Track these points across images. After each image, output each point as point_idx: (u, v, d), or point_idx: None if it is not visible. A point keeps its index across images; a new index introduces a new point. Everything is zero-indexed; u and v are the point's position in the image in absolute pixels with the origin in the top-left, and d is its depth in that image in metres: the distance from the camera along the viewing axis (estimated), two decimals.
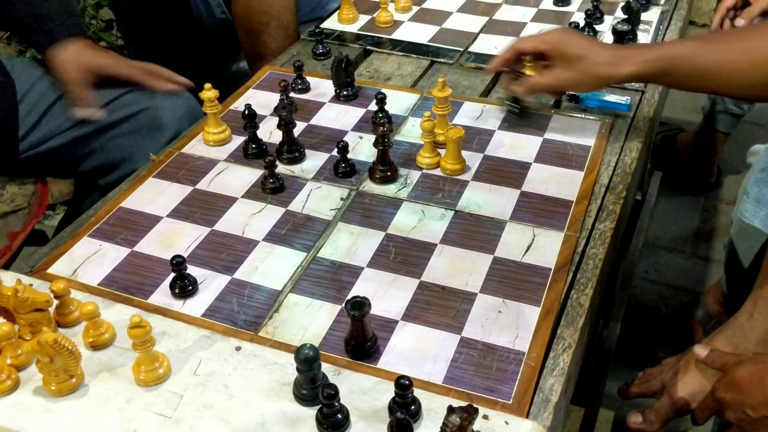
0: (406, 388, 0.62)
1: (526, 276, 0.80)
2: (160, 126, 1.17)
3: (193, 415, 0.66)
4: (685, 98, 2.31)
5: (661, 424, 0.92)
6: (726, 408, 0.80)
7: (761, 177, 0.83)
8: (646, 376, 1.00)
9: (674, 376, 0.92)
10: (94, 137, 1.16)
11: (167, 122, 1.17)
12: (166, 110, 1.18)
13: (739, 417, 0.78)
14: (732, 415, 0.79)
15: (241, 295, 0.79)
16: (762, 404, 0.76)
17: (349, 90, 1.13)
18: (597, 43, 0.97)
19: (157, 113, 1.17)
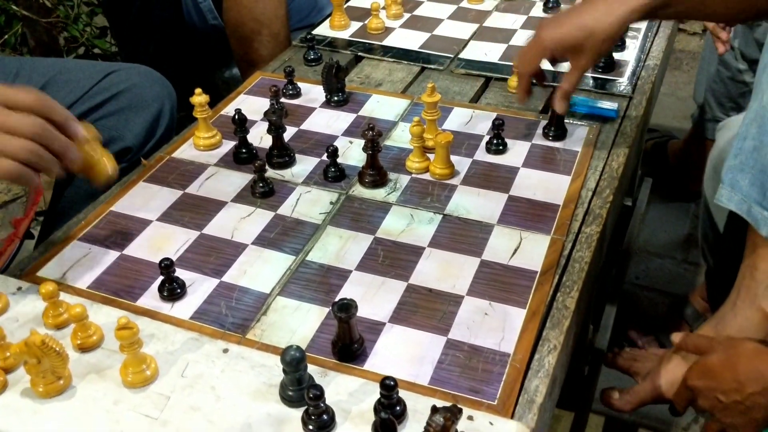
0: (391, 389, 0.62)
1: (512, 279, 0.81)
2: (143, 103, 1.16)
3: (180, 416, 0.66)
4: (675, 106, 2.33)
5: (635, 406, 0.93)
6: (699, 395, 0.81)
7: (734, 164, 0.84)
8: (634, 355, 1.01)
9: (658, 364, 0.93)
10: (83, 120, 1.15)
11: (150, 100, 1.16)
12: (146, 88, 1.17)
13: (712, 404, 0.79)
14: (705, 402, 0.80)
15: (230, 298, 0.80)
16: (733, 389, 0.77)
17: (340, 96, 1.14)
18: (584, 5, 0.93)
19: (139, 92, 1.16)
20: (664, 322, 1.54)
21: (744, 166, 0.83)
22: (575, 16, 0.92)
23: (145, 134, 1.15)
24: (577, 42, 0.91)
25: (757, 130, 0.81)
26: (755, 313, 0.85)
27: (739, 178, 0.84)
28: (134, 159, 1.14)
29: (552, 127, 1.04)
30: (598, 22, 0.89)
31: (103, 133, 1.15)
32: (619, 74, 1.20)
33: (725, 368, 0.78)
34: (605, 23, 0.89)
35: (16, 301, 0.79)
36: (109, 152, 0.84)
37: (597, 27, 0.89)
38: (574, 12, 0.93)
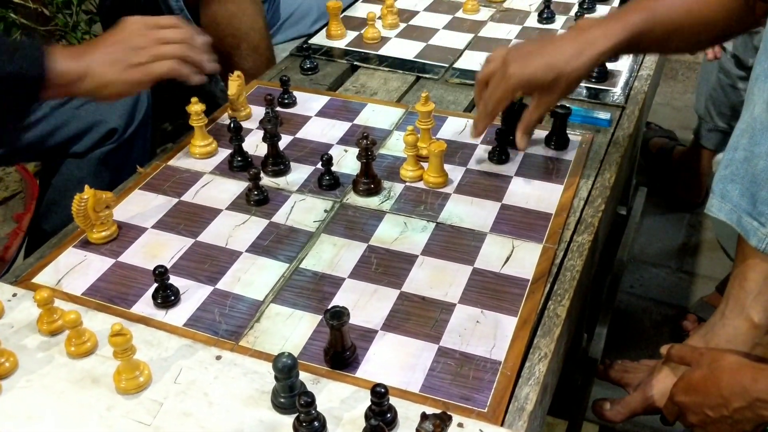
0: (382, 396, 0.63)
1: (504, 287, 0.82)
2: None
3: (172, 422, 0.67)
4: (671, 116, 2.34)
5: (626, 417, 0.94)
6: (686, 411, 0.81)
7: (725, 174, 0.85)
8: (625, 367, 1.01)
9: (649, 375, 0.93)
10: (65, 108, 1.17)
11: None
12: None
13: (701, 419, 0.80)
14: (694, 418, 0.81)
15: (223, 305, 0.80)
16: (720, 404, 0.77)
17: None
18: (552, 44, 0.92)
19: None
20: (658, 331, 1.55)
21: (734, 177, 0.84)
22: (545, 55, 0.91)
23: (127, 116, 1.20)
24: (546, 82, 0.90)
25: (748, 141, 0.82)
26: (743, 323, 0.86)
27: (729, 188, 0.84)
28: (120, 140, 1.18)
29: (554, 136, 1.05)
30: (567, 63, 0.89)
31: (87, 117, 1.20)
32: (612, 84, 1.21)
33: (709, 384, 0.78)
34: (574, 65, 0.89)
35: (11, 308, 0.79)
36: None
37: (566, 68, 0.89)
38: (543, 49, 0.92)
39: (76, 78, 0.95)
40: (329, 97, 1.20)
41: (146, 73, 0.98)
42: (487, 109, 0.96)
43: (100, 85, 0.96)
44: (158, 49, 0.99)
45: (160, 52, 0.99)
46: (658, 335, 1.62)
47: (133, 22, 1.00)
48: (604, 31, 0.89)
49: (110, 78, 0.96)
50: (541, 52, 0.91)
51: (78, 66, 0.95)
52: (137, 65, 0.97)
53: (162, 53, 0.99)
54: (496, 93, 0.93)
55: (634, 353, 1.57)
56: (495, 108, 0.95)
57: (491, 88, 0.94)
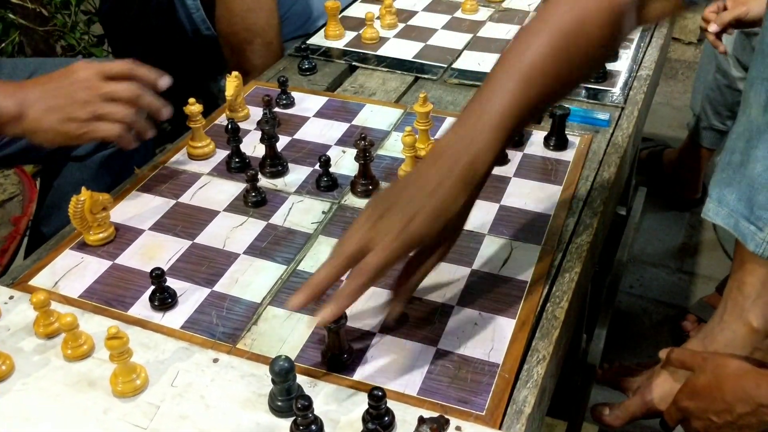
0: (380, 399, 0.63)
1: (502, 289, 0.81)
2: None
3: (169, 425, 0.67)
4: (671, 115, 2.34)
5: (625, 421, 0.93)
6: (690, 416, 0.81)
7: (722, 178, 0.85)
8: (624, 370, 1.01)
9: (648, 379, 0.93)
10: None
11: None
12: None
13: (705, 424, 0.79)
14: (698, 423, 0.80)
15: (221, 307, 0.80)
16: (724, 410, 0.77)
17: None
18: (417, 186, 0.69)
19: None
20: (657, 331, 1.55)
21: (731, 181, 0.83)
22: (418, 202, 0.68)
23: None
24: (433, 236, 0.69)
25: (745, 145, 0.81)
26: (742, 327, 0.86)
27: (726, 192, 0.84)
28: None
29: (553, 136, 1.04)
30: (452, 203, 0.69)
31: None
32: (612, 84, 1.21)
33: (713, 389, 0.78)
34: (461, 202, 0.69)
35: (8, 310, 0.79)
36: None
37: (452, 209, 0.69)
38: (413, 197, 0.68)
39: (9, 118, 0.89)
40: (327, 98, 1.19)
41: (84, 131, 0.91)
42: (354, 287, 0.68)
43: (33, 131, 0.91)
44: (102, 108, 0.91)
45: (104, 112, 0.91)
46: (658, 335, 1.62)
47: (83, 68, 0.92)
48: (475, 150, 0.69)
49: (45, 126, 0.90)
50: (420, 200, 0.68)
51: (13, 105, 0.89)
52: (76, 120, 0.90)
53: (105, 114, 0.91)
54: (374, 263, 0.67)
55: (633, 354, 1.57)
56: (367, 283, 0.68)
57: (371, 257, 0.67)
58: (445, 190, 0.68)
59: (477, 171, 0.69)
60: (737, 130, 0.83)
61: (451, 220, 0.69)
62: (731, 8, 1.40)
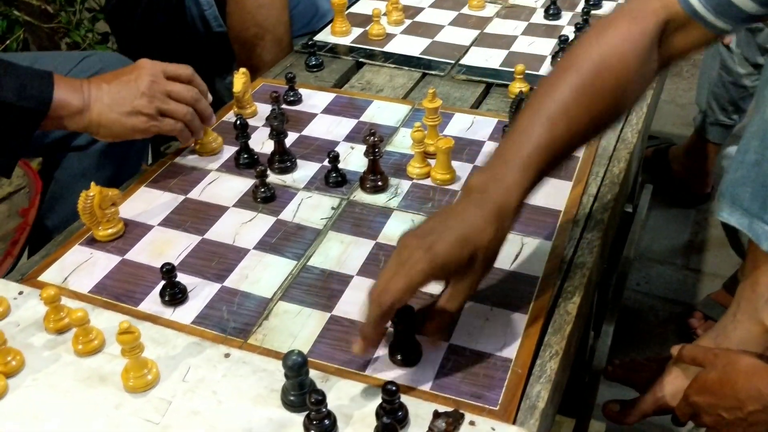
0: (393, 394, 0.62)
1: (513, 284, 0.81)
2: None
3: (181, 421, 0.66)
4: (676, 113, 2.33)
5: (637, 418, 0.93)
6: (701, 412, 0.81)
7: (735, 177, 0.84)
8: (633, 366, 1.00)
9: (659, 375, 0.92)
10: None
11: None
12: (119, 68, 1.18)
13: (715, 420, 0.79)
14: (708, 419, 0.80)
15: (231, 302, 0.80)
16: (735, 407, 0.76)
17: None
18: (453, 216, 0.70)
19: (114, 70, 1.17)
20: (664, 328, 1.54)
21: (745, 180, 0.83)
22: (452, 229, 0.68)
23: None
24: (462, 261, 0.67)
25: (759, 144, 0.81)
26: (755, 326, 0.85)
27: (739, 192, 0.83)
28: None
29: None
30: (481, 234, 0.68)
31: None
32: None
33: (725, 386, 0.78)
34: (490, 234, 0.68)
35: (17, 306, 0.79)
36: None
37: (482, 240, 0.68)
38: (446, 223, 0.69)
39: (75, 111, 0.90)
40: (335, 94, 1.19)
41: (148, 125, 0.94)
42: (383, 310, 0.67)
43: (98, 124, 0.92)
44: (167, 105, 0.94)
45: (168, 109, 0.95)
46: (665, 333, 1.61)
47: (149, 66, 0.95)
48: (505, 185, 0.70)
49: (111, 118, 0.92)
50: (447, 227, 0.68)
51: (78, 98, 0.91)
52: (142, 114, 0.93)
53: (169, 110, 0.95)
54: (395, 287, 0.66)
55: (640, 350, 1.56)
56: (392, 305, 0.66)
57: (386, 284, 0.67)
58: (472, 218, 0.68)
59: (507, 205, 0.69)
60: (751, 129, 0.83)
61: (479, 250, 0.67)
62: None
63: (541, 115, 0.72)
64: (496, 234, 0.69)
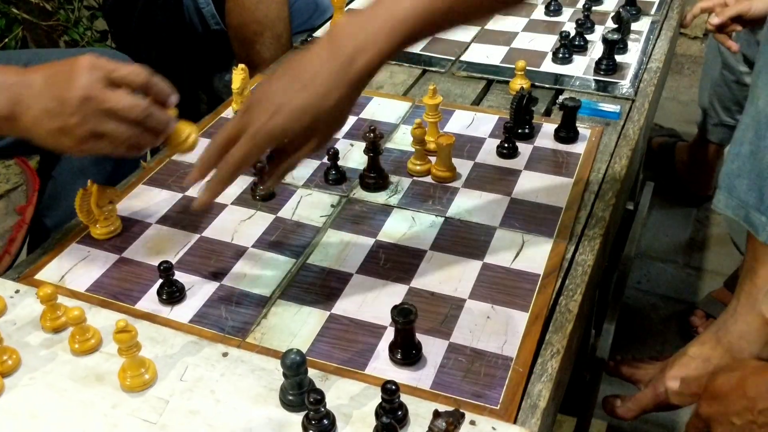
0: (393, 393, 0.61)
1: (515, 282, 0.80)
2: None
3: (179, 420, 0.66)
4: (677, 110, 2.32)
5: (637, 413, 0.92)
6: (713, 423, 0.79)
7: (731, 169, 0.84)
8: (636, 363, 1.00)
9: (660, 371, 0.92)
10: None
11: None
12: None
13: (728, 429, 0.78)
14: (720, 429, 0.79)
15: (229, 301, 0.79)
16: (745, 409, 0.76)
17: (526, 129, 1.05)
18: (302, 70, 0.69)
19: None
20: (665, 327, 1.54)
21: (741, 171, 0.82)
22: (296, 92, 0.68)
23: None
24: (301, 130, 0.69)
25: (753, 135, 0.81)
26: (755, 319, 0.85)
27: (736, 183, 0.83)
28: None
29: (564, 129, 1.03)
30: (325, 98, 0.68)
31: None
32: (621, 77, 1.20)
33: (733, 390, 0.77)
34: (335, 97, 0.68)
35: (14, 304, 0.78)
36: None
37: (324, 105, 0.68)
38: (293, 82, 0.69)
39: (1, 118, 0.76)
40: None
41: (79, 148, 0.76)
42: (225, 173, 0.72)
43: (29, 135, 0.77)
44: (102, 126, 0.74)
45: (104, 131, 0.74)
46: (666, 331, 1.61)
47: (88, 70, 0.73)
48: (367, 39, 0.67)
49: (41, 133, 0.75)
50: (294, 90, 0.68)
51: (6, 103, 0.75)
52: (72, 136, 0.74)
53: (106, 132, 0.74)
54: (240, 153, 0.70)
55: (641, 349, 1.56)
56: (234, 172, 0.72)
57: (233, 149, 0.71)
58: (317, 84, 0.67)
59: (356, 66, 0.67)
60: (745, 120, 0.82)
61: (321, 115, 0.68)
62: (733, 4, 1.39)
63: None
64: (340, 99, 0.68)
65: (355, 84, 0.68)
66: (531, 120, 1.05)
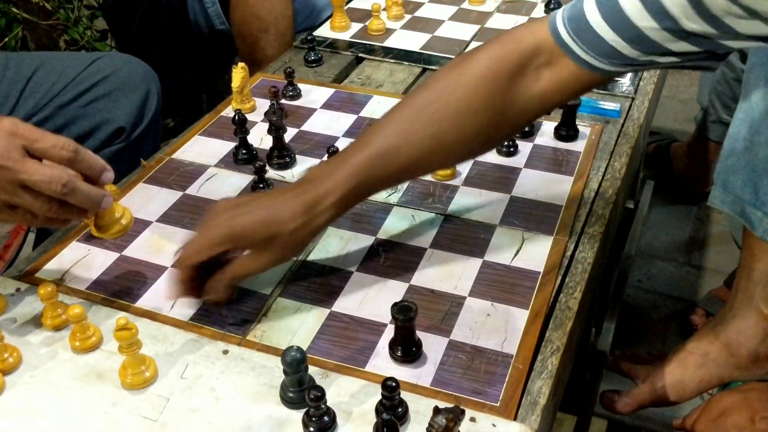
0: (393, 390, 0.62)
1: (515, 279, 0.80)
2: (131, 85, 1.17)
3: (179, 418, 0.66)
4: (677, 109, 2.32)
5: (634, 408, 0.92)
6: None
7: (727, 165, 0.84)
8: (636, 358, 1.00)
9: (658, 366, 0.92)
10: (71, 106, 1.13)
11: (137, 81, 1.17)
12: (131, 71, 1.18)
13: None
14: None
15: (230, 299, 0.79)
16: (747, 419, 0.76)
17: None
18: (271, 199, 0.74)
19: (126, 74, 1.17)
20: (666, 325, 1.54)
21: (736, 167, 0.83)
22: (262, 209, 0.72)
23: (136, 114, 1.16)
24: (258, 239, 0.72)
25: (748, 130, 0.81)
26: (753, 314, 0.85)
27: (731, 179, 0.83)
28: (129, 139, 1.14)
29: (564, 127, 1.03)
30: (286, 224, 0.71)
31: (95, 116, 1.14)
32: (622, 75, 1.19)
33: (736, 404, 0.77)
34: (294, 226, 0.71)
35: (15, 302, 0.78)
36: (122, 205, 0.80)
37: (284, 229, 0.71)
38: (260, 204, 0.74)
39: None
40: (334, 90, 1.18)
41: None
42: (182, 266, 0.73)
43: None
44: (16, 198, 0.69)
45: (19, 203, 0.70)
46: (666, 329, 1.60)
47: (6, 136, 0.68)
48: (331, 182, 0.73)
49: None
50: (258, 206, 0.73)
51: None
52: None
53: (20, 204, 0.70)
54: (193, 246, 0.73)
55: (642, 347, 1.55)
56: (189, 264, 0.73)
57: (189, 243, 0.74)
58: (283, 206, 0.72)
59: (323, 201, 0.72)
60: (739, 116, 0.83)
61: (279, 236, 0.71)
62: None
63: (384, 125, 0.75)
64: (299, 227, 0.72)
65: (319, 223, 0.73)
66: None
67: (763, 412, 0.75)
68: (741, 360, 0.87)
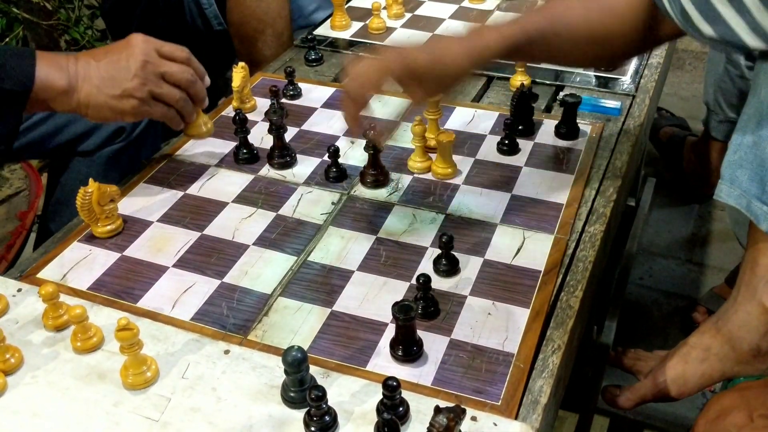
0: (394, 389, 0.62)
1: (515, 278, 0.80)
2: None
3: (180, 418, 0.66)
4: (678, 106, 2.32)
5: (636, 403, 0.92)
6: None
7: (734, 159, 0.84)
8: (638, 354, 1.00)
9: (660, 362, 0.92)
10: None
11: None
12: None
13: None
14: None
15: (231, 299, 0.79)
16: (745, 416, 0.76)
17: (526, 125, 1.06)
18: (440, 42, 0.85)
19: None
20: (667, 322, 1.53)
21: (743, 161, 0.82)
22: (431, 50, 0.82)
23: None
24: (425, 71, 0.80)
25: (756, 125, 0.81)
26: (755, 308, 0.85)
27: (738, 173, 0.83)
28: (129, 139, 1.14)
29: (564, 125, 1.03)
30: (453, 60, 0.80)
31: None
32: (622, 72, 1.19)
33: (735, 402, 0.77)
34: (460, 62, 0.80)
35: (16, 303, 0.78)
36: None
37: (451, 63, 0.80)
38: (429, 46, 0.85)
39: (61, 91, 0.85)
40: (335, 89, 1.18)
41: (138, 110, 0.88)
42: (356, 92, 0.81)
43: (86, 105, 0.87)
44: (160, 88, 0.88)
45: (161, 93, 0.88)
46: (668, 327, 1.60)
47: (143, 43, 0.88)
48: (499, 33, 0.82)
49: (100, 101, 0.86)
50: (426, 46, 0.83)
51: (64, 78, 0.85)
52: (132, 97, 0.87)
53: (162, 95, 0.89)
54: (367, 73, 0.80)
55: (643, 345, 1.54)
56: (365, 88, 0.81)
57: (361, 69, 0.81)
58: (452, 46, 0.81)
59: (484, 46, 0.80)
60: (748, 111, 0.83)
61: (446, 68, 0.80)
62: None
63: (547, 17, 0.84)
64: (464, 62, 0.80)
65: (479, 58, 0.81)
66: (531, 116, 1.05)
67: (761, 410, 0.75)
68: (743, 354, 0.87)
